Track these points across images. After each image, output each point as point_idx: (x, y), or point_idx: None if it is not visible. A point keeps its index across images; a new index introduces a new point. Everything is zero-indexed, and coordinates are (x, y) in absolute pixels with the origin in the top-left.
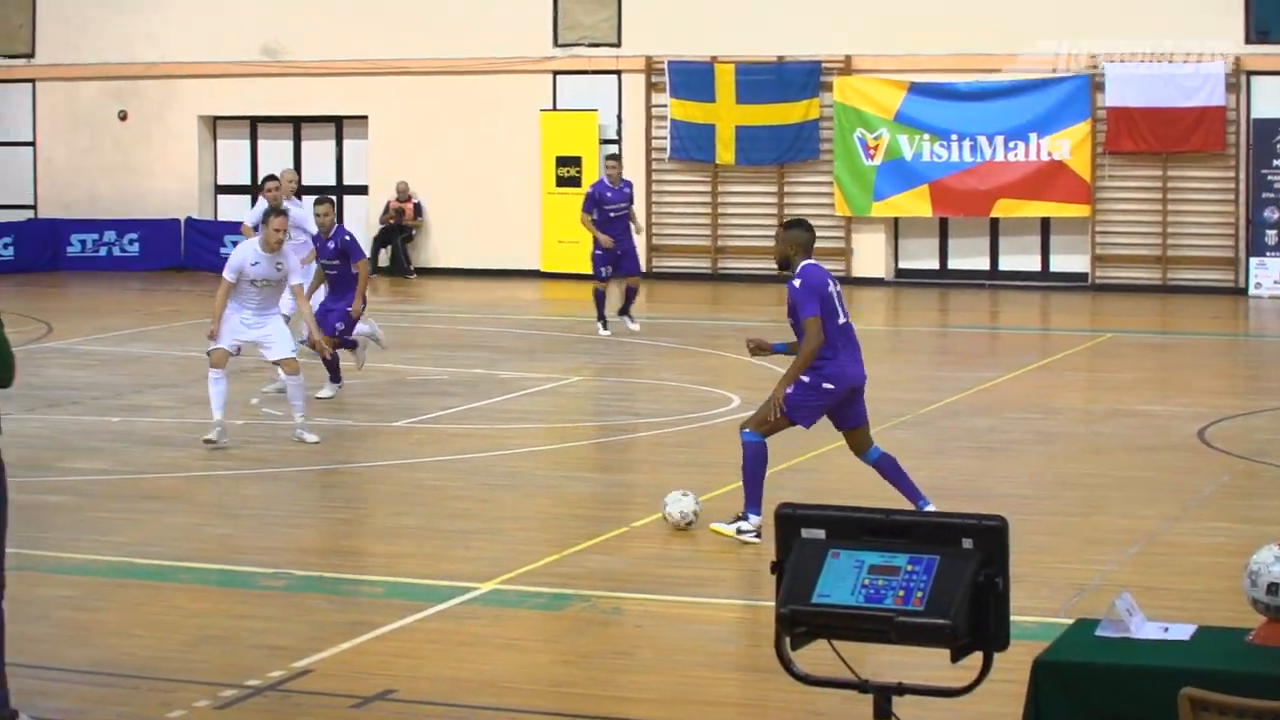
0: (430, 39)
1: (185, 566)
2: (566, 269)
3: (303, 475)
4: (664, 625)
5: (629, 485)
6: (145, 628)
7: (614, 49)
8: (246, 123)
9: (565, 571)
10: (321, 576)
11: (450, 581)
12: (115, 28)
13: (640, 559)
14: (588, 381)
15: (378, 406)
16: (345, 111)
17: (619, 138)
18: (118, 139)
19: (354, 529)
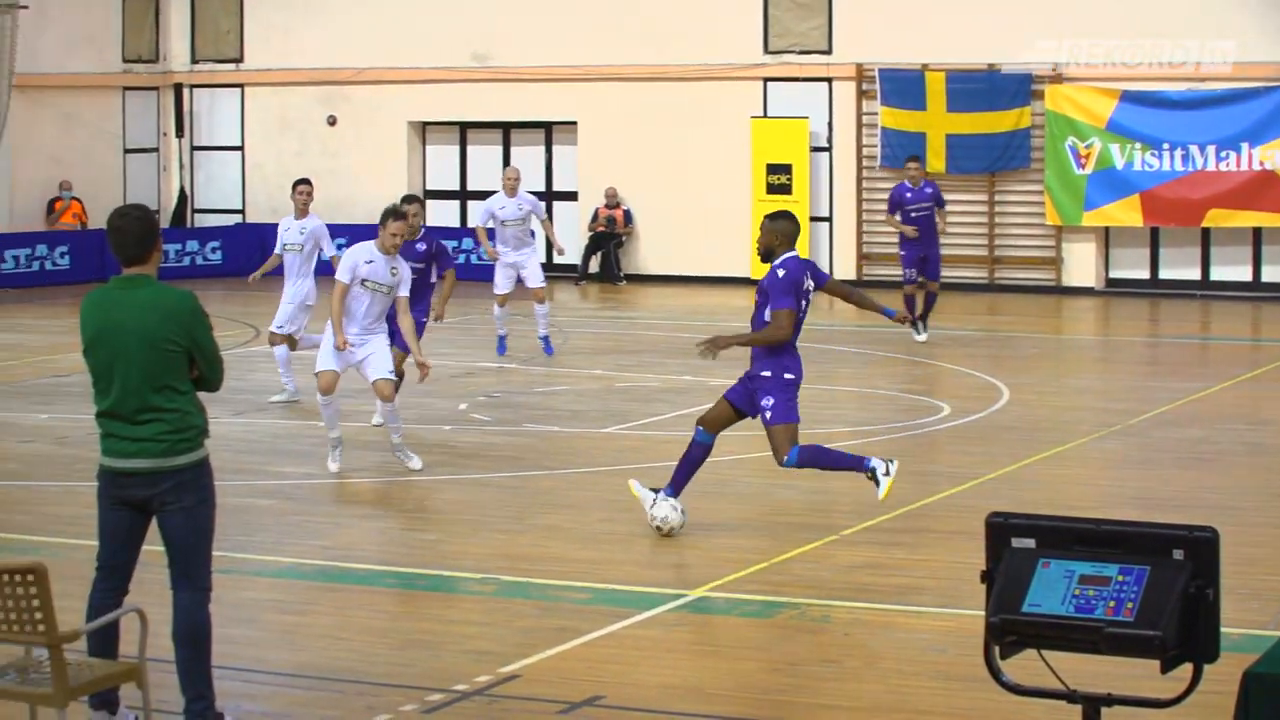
0: (640, 45)
1: (393, 571)
2: None
3: (511, 480)
4: (872, 633)
5: (837, 493)
6: (352, 632)
7: (825, 56)
8: (455, 128)
9: (774, 579)
10: (529, 582)
11: (659, 588)
12: (324, 33)
13: (848, 567)
14: None
15: (587, 413)
16: (555, 117)
17: (829, 145)
18: (326, 144)
19: (562, 535)
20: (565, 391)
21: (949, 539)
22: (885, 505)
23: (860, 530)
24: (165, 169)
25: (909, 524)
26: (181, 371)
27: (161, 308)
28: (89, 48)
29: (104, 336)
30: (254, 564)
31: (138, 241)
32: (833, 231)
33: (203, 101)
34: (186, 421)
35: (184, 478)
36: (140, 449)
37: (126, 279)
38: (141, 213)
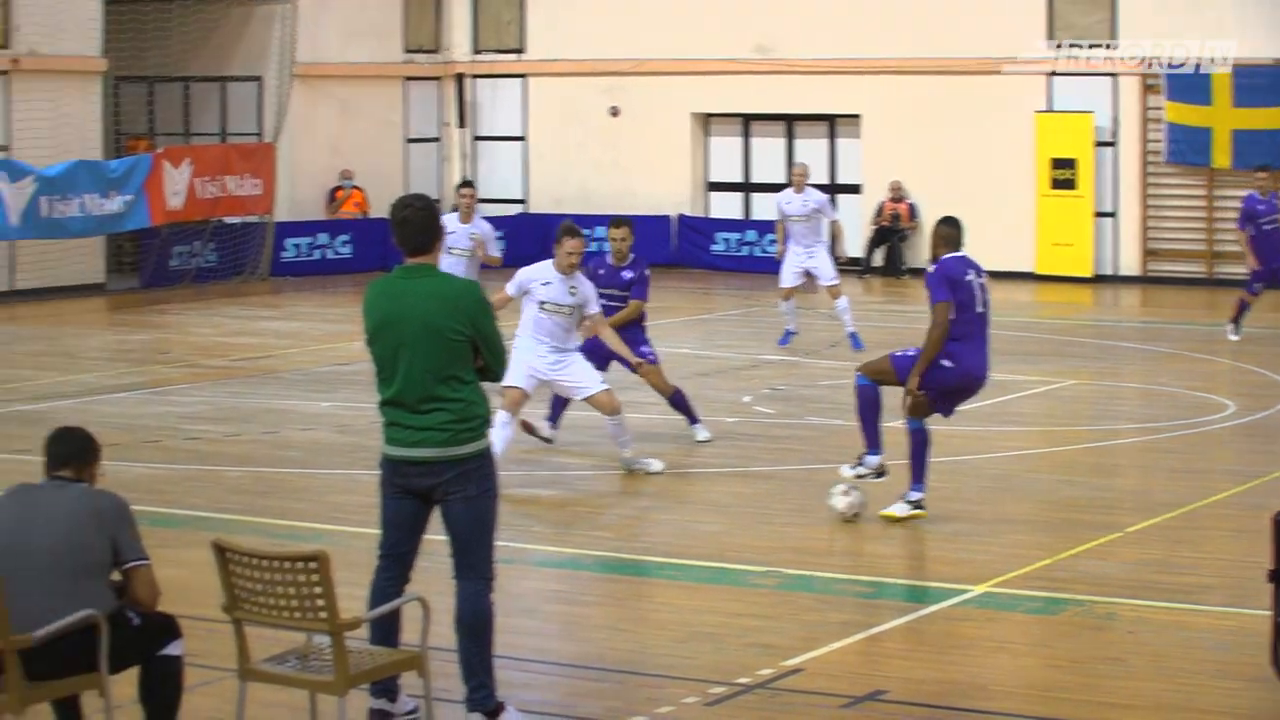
0: (924, 38)
1: (675, 563)
2: (1061, 272)
3: (794, 474)
4: (1157, 631)
5: (1123, 490)
6: (634, 623)
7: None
8: (739, 120)
9: (1058, 575)
10: (813, 575)
11: (943, 583)
12: (606, 24)
13: (1134, 564)
14: (1081, 385)
15: None
16: (838, 110)
17: (1114, 140)
18: (609, 135)
19: (845, 529)
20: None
21: (1234, 537)
22: (1168, 503)
23: (1145, 528)
24: (446, 159)
25: (1193, 522)
26: (466, 361)
27: (446, 297)
28: (371, 37)
29: (389, 326)
30: (536, 554)
31: (422, 231)
32: (1117, 227)
33: (484, 92)
34: (470, 411)
35: (467, 467)
36: (424, 438)
37: (411, 268)
38: (425, 203)
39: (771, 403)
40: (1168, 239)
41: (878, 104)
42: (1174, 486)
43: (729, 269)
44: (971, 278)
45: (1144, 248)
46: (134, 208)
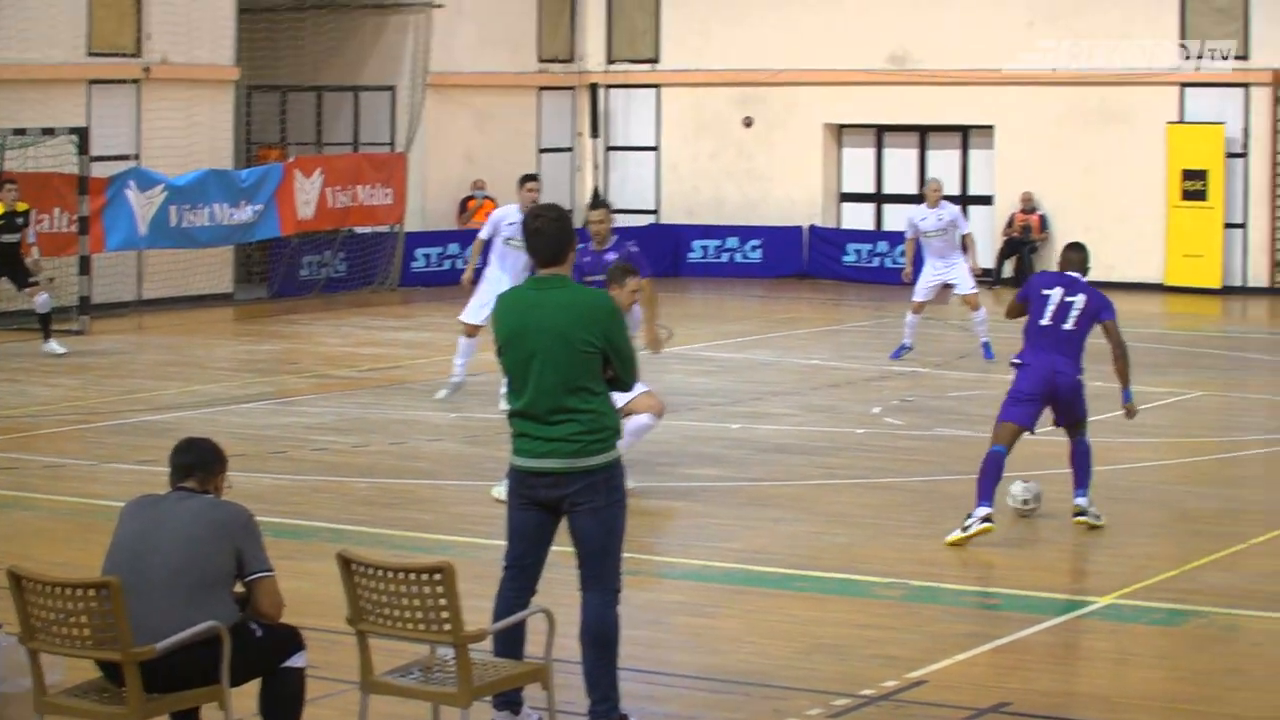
0: (1058, 50)
1: (802, 574)
2: (1191, 283)
3: (921, 485)
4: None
5: (1249, 501)
6: (760, 635)
7: (1242, 61)
8: (872, 131)
9: (1183, 587)
10: (939, 587)
11: (1068, 595)
12: (740, 34)
13: (1259, 576)
14: (1210, 396)
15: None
16: (971, 121)
17: (1245, 151)
18: (742, 145)
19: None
20: (979, 396)
21: None
22: None
23: (1271, 539)
24: (579, 169)
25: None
26: (596, 373)
27: (578, 309)
28: (504, 47)
29: (520, 336)
30: (662, 565)
31: (554, 242)
32: (1247, 238)
33: (618, 101)
34: (600, 423)
35: (595, 478)
36: (552, 449)
37: (543, 279)
38: (558, 214)
39: (901, 414)
40: None
41: (1011, 115)
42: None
43: (860, 280)
44: (1048, 292)
45: (1273, 259)
46: (264, 217)
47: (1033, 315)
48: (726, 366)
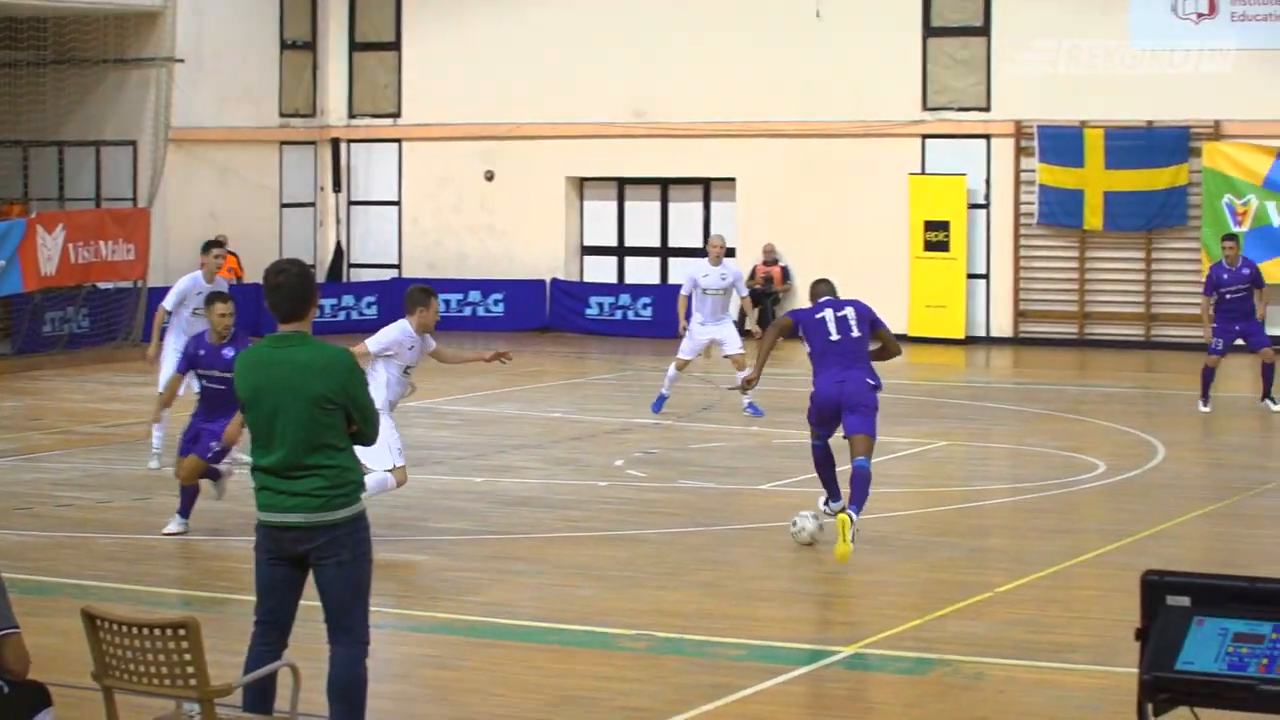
0: (799, 101)
1: (547, 627)
2: (935, 333)
3: (665, 537)
4: (1026, 690)
5: (992, 550)
6: (506, 687)
7: (983, 113)
8: (614, 184)
9: (928, 636)
10: (683, 639)
11: (813, 644)
12: (482, 89)
13: (1003, 624)
14: (952, 446)
15: (743, 469)
16: (713, 174)
17: (987, 202)
18: (484, 199)
19: (716, 591)
20: (722, 448)
21: (1104, 596)
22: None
23: (1015, 587)
24: (322, 223)
25: (1063, 581)
26: (339, 429)
27: (319, 367)
28: (246, 102)
29: (262, 395)
30: (409, 619)
31: (295, 297)
32: (990, 289)
33: (360, 156)
34: (344, 477)
35: (340, 532)
36: (297, 503)
37: (282, 337)
38: (299, 269)
39: (644, 466)
40: (1039, 300)
41: (753, 167)
42: (1044, 546)
43: (603, 333)
44: (821, 316)
45: (1016, 309)
46: (6, 274)
47: (815, 342)
48: (470, 420)
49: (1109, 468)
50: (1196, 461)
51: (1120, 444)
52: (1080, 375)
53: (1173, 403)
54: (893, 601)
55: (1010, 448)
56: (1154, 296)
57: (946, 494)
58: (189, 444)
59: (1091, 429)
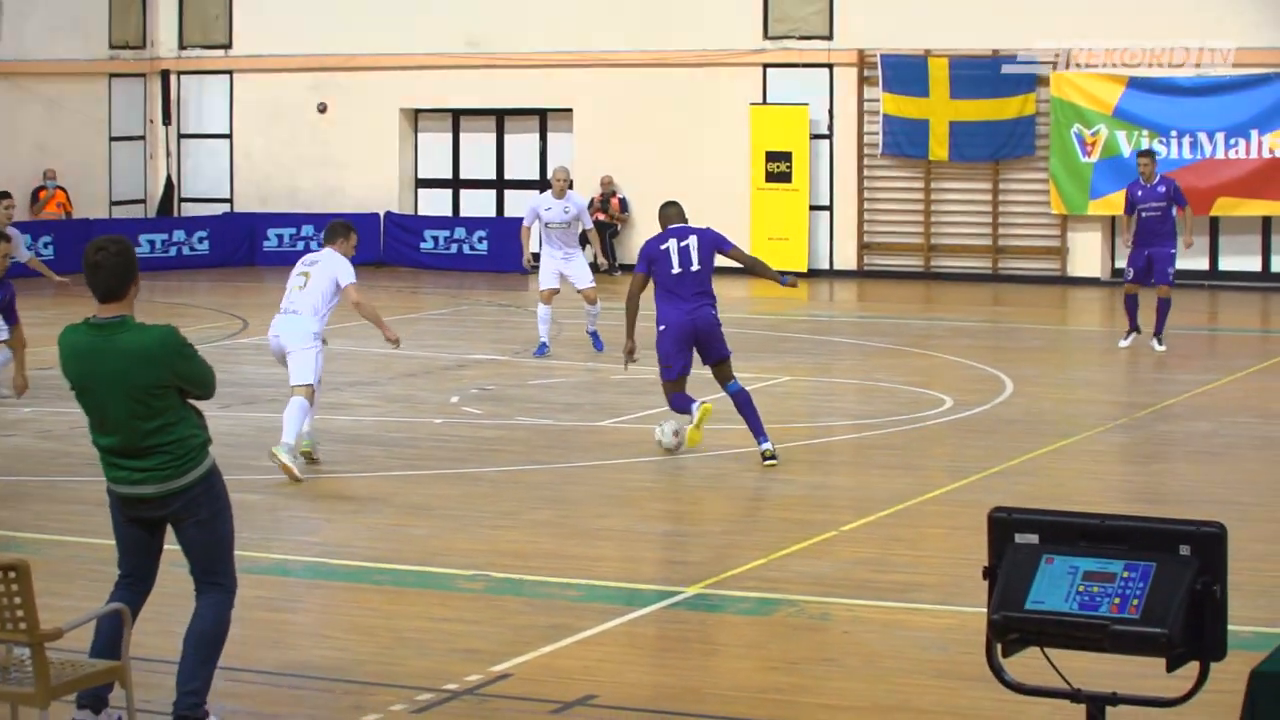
0: (637, 31)
1: (382, 568)
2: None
3: (503, 475)
4: (872, 631)
5: (837, 488)
6: (340, 630)
7: (826, 42)
8: (448, 115)
9: (772, 575)
10: (521, 579)
11: (654, 585)
12: (314, 19)
13: (848, 563)
14: (796, 382)
15: (581, 406)
16: (549, 104)
17: (830, 133)
18: (317, 132)
19: (555, 531)
20: (559, 384)
21: (951, 534)
22: (884, 500)
23: (860, 526)
24: (152, 157)
25: (910, 519)
26: (174, 406)
27: (144, 354)
28: (75, 34)
29: (89, 386)
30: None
31: (115, 275)
32: (833, 221)
33: (191, 88)
34: (188, 445)
35: (194, 493)
36: (145, 477)
37: (102, 323)
38: (119, 247)
39: (480, 403)
40: (884, 232)
41: (590, 98)
42: (890, 484)
43: (438, 267)
44: (665, 247)
45: (860, 241)
46: None
47: (660, 274)
48: None
49: (956, 403)
50: (1045, 397)
51: (968, 379)
52: (926, 309)
53: (1021, 337)
54: (735, 541)
55: (855, 383)
56: (1001, 229)
57: (790, 431)
58: None
59: (938, 364)
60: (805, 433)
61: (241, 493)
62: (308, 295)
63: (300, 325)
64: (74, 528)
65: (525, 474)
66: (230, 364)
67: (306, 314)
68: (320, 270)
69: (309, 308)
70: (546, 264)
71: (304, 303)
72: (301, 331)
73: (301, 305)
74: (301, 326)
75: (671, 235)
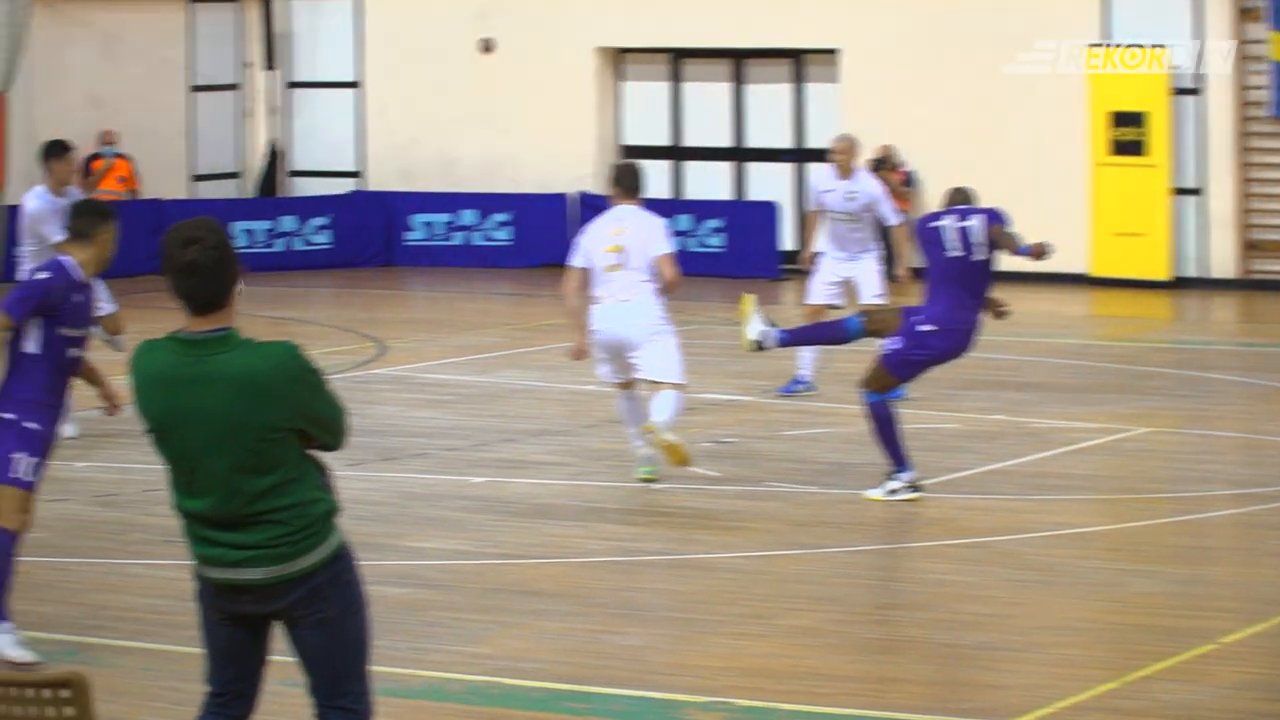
0: None
1: (576, 691)
2: (1126, 273)
3: (747, 563)
4: None
5: (1214, 584)
6: None
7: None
8: (665, 58)
9: (1128, 705)
10: (774, 709)
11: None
12: None
13: (1231, 689)
14: (1159, 435)
15: (856, 467)
16: (805, 44)
17: (1199, 87)
18: (479, 80)
19: (821, 641)
20: (826, 436)
21: None
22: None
23: (1246, 637)
24: (249, 114)
25: None
26: (293, 458)
27: (254, 382)
28: None
29: (176, 426)
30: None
31: (215, 279)
32: (1206, 210)
33: (303, 18)
34: (308, 514)
35: (317, 582)
36: (250, 556)
37: (198, 340)
38: (218, 237)
39: (715, 462)
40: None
41: (862, 36)
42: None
43: None
44: (944, 223)
45: (1243, 239)
46: None
47: (933, 258)
48: (464, 395)
49: None
50: None
51: None
52: None
53: None
54: (1074, 657)
55: (1238, 437)
56: None
57: (1149, 504)
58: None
59: None
60: (1171, 505)
61: (381, 584)
62: (633, 273)
63: (643, 311)
64: (147, 629)
65: (778, 561)
66: (363, 403)
67: (643, 296)
68: (635, 235)
69: (641, 289)
70: (823, 270)
71: (632, 286)
72: (646, 316)
73: (630, 290)
74: (644, 311)
75: (949, 214)
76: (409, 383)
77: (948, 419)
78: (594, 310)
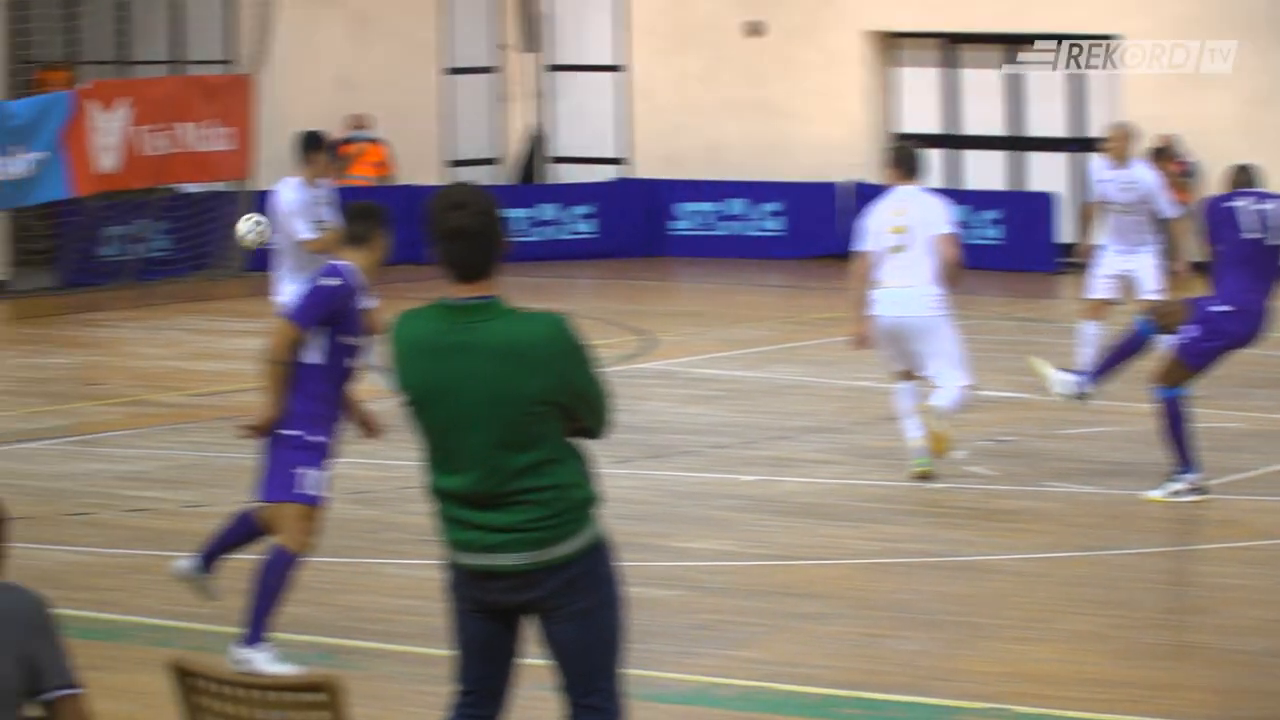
0: None
1: (853, 697)
2: None
3: (1026, 566)
4: None
5: None
6: None
7: None
8: (938, 43)
9: None
10: (1055, 715)
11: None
12: None
13: None
14: None
15: (1137, 466)
16: (1082, 29)
17: None
18: (748, 64)
19: (1105, 645)
20: (1106, 435)
21: None
22: None
23: None
24: (508, 98)
25: None
26: (556, 436)
27: (522, 351)
28: None
29: (437, 396)
30: (650, 685)
31: (481, 245)
32: None
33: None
34: (569, 498)
35: (574, 572)
36: (507, 541)
37: (462, 307)
38: (484, 203)
39: (993, 461)
40: None
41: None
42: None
43: None
44: (1239, 205)
45: None
46: (47, 171)
47: (1226, 239)
48: (734, 390)
49: None
50: None
51: None
52: None
53: None
54: None
55: None
56: None
57: None
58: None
59: None
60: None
61: (647, 586)
62: (916, 254)
63: (924, 295)
64: (401, 630)
65: (1058, 563)
66: (630, 399)
67: (924, 280)
68: (917, 216)
69: (922, 272)
70: (1102, 261)
71: (913, 268)
72: (927, 301)
73: (911, 274)
74: (925, 296)
75: (1241, 195)
76: (677, 377)
77: (1233, 418)
78: (874, 295)
